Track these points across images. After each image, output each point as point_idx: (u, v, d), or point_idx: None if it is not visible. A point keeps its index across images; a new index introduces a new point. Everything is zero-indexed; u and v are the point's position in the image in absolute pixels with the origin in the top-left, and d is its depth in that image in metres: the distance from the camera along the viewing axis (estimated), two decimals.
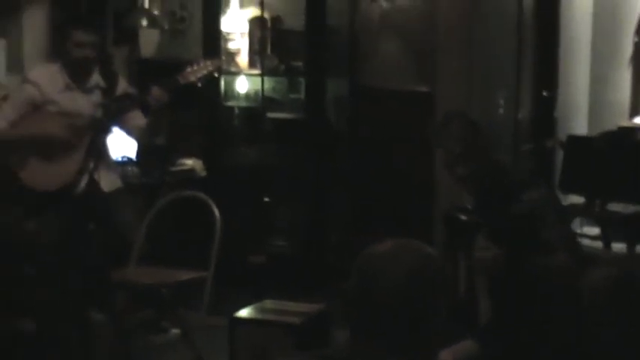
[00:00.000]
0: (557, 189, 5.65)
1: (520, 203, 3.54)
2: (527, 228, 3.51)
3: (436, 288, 1.88)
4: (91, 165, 4.76)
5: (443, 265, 1.95)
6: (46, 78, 4.90)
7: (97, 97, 4.90)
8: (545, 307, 3.40)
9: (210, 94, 6.19)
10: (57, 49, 5.16)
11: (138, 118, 4.96)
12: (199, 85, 4.88)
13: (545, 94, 6.22)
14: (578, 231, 5.53)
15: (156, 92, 4.73)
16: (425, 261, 1.89)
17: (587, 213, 5.63)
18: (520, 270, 3.47)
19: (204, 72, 4.88)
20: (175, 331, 5.22)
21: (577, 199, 5.68)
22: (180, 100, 4.96)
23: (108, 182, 4.96)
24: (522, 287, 3.47)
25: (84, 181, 4.80)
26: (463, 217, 4.01)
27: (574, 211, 5.52)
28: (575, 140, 5.87)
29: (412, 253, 1.89)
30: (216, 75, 5.32)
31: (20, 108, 4.88)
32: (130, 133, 5.09)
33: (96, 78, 4.95)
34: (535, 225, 3.50)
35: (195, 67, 4.87)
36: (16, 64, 6.54)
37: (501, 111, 6.13)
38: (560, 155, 5.96)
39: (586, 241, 5.45)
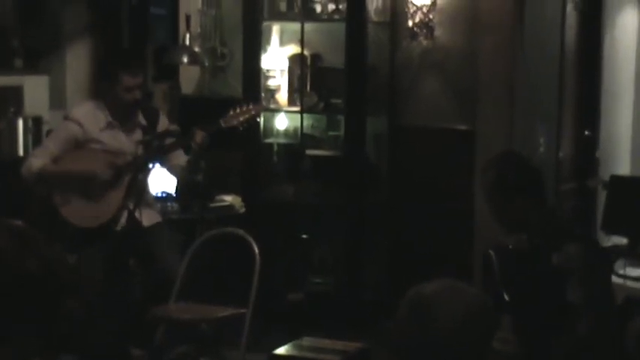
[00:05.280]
0: (600, 229, 5.59)
1: (559, 255, 3.46)
2: (556, 287, 3.42)
3: (489, 331, 1.85)
4: (132, 202, 4.78)
5: (492, 308, 1.92)
6: (89, 116, 4.95)
7: (138, 135, 4.94)
8: None
9: (249, 131, 6.20)
10: (101, 89, 5.20)
11: (179, 157, 5.00)
12: (241, 128, 4.92)
13: (586, 133, 6.18)
14: (621, 272, 5.47)
15: (198, 136, 4.78)
16: (480, 303, 1.87)
17: (630, 254, 5.56)
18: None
19: (247, 116, 4.92)
20: None
21: (620, 240, 5.61)
22: (220, 137, 4.98)
23: (148, 218, 4.99)
24: None
25: (124, 218, 4.83)
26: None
27: (617, 251, 5.45)
28: (618, 180, 5.82)
29: (466, 295, 1.87)
30: (258, 119, 5.37)
31: (63, 145, 4.93)
32: (170, 170, 5.13)
33: (138, 116, 4.99)
34: (562, 282, 3.42)
35: (237, 111, 4.91)
36: (58, 100, 6.63)
37: (542, 150, 6.09)
38: (602, 195, 5.90)
39: (629, 283, 5.38)
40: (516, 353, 3.40)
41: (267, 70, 6.46)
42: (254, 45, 6.36)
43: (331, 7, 6.25)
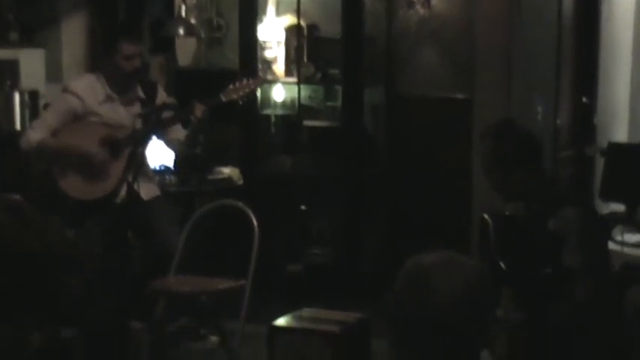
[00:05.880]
0: (598, 197, 5.59)
1: (556, 220, 3.46)
2: (553, 253, 3.42)
3: (487, 303, 1.86)
4: (131, 175, 4.78)
5: (491, 282, 1.93)
6: (88, 89, 4.94)
7: (137, 108, 4.93)
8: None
9: (247, 103, 6.19)
10: (100, 60, 5.19)
11: (178, 131, 5.00)
12: (240, 102, 4.92)
13: (584, 100, 6.16)
14: (619, 239, 5.47)
15: (198, 109, 4.78)
16: (479, 275, 1.87)
17: (628, 220, 5.56)
18: (543, 327, 3.41)
19: (247, 90, 4.92)
20: (214, 338, 5.22)
21: (618, 207, 5.61)
22: (218, 110, 4.98)
23: (147, 191, 4.99)
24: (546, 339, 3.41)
25: (123, 191, 4.83)
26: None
27: (615, 218, 5.45)
28: (616, 147, 5.80)
29: (465, 267, 1.87)
30: (257, 93, 5.36)
31: (62, 118, 4.92)
32: (169, 144, 5.13)
33: (137, 88, 4.99)
34: (560, 248, 3.42)
35: (237, 85, 4.91)
36: (54, 74, 6.60)
37: (540, 118, 6.08)
38: (600, 162, 5.89)
39: (627, 249, 5.38)
40: (516, 321, 3.41)
41: (264, 42, 6.44)
42: (250, 16, 6.34)
43: None
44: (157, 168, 5.74)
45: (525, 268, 3.48)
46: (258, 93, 6.34)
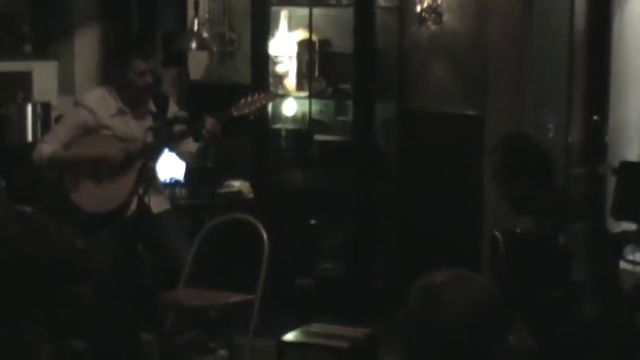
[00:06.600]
0: (610, 215, 5.58)
1: (567, 235, 3.44)
2: (563, 270, 3.40)
3: (498, 323, 1.85)
4: (142, 188, 4.79)
5: (501, 301, 1.92)
6: (100, 102, 4.96)
7: (148, 121, 4.95)
8: None
9: (258, 117, 6.20)
10: (112, 74, 5.21)
11: (189, 143, 5.01)
12: (252, 117, 4.94)
13: (595, 118, 6.16)
14: (630, 257, 5.46)
15: (209, 124, 4.80)
16: (489, 295, 1.87)
17: (639, 240, 5.55)
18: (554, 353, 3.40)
19: (258, 105, 4.94)
20: (223, 352, 5.21)
21: (629, 226, 5.60)
22: (228, 123, 4.99)
23: (157, 204, 5.00)
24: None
25: (134, 204, 4.84)
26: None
27: (626, 237, 5.44)
28: (627, 166, 5.80)
29: (477, 285, 1.87)
30: (268, 108, 5.38)
31: (73, 131, 4.94)
32: (181, 156, 5.15)
33: (149, 102, 5.00)
34: (569, 264, 3.40)
35: (249, 100, 4.93)
36: (67, 86, 6.64)
37: (551, 135, 6.07)
38: (611, 181, 5.88)
39: (639, 268, 5.37)
40: (531, 346, 3.38)
41: (276, 56, 6.46)
42: (262, 30, 6.36)
43: None
44: (167, 181, 5.75)
45: (535, 286, 3.47)
46: (270, 107, 6.35)
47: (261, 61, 6.36)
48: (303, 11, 6.33)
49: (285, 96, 6.48)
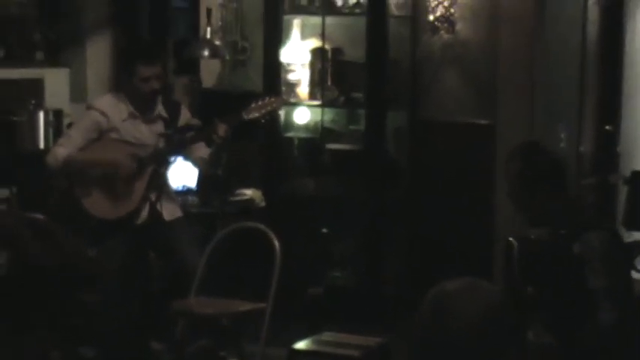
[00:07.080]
0: (621, 225, 5.56)
1: (580, 244, 3.44)
2: (577, 277, 3.39)
3: (509, 332, 1.85)
4: (153, 194, 4.80)
5: (512, 308, 1.92)
6: (112, 106, 4.97)
7: (159, 127, 4.95)
8: None
9: (270, 124, 6.21)
10: (121, 81, 5.22)
11: (201, 149, 5.01)
12: (263, 121, 4.93)
13: (607, 128, 6.14)
14: None
15: (220, 128, 4.79)
16: (500, 302, 1.87)
17: None
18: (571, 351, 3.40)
19: (269, 108, 4.93)
20: None
21: None
22: (240, 131, 4.99)
23: (169, 212, 5.00)
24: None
25: (146, 211, 4.84)
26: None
27: (638, 247, 5.42)
28: (639, 176, 5.78)
29: (488, 293, 1.86)
30: (279, 112, 5.37)
31: (87, 134, 4.94)
32: (194, 163, 5.16)
33: (159, 108, 5.01)
34: (583, 272, 3.40)
35: (259, 103, 4.92)
36: (79, 93, 6.66)
37: (563, 144, 6.06)
38: (623, 191, 5.87)
39: None
40: (550, 343, 3.39)
41: (288, 64, 6.46)
42: (275, 39, 6.36)
43: (352, 0, 6.25)
44: (179, 189, 5.76)
45: (550, 292, 3.46)
46: (282, 115, 6.36)
47: (274, 70, 6.37)
48: (315, 20, 6.34)
49: (297, 104, 6.48)
